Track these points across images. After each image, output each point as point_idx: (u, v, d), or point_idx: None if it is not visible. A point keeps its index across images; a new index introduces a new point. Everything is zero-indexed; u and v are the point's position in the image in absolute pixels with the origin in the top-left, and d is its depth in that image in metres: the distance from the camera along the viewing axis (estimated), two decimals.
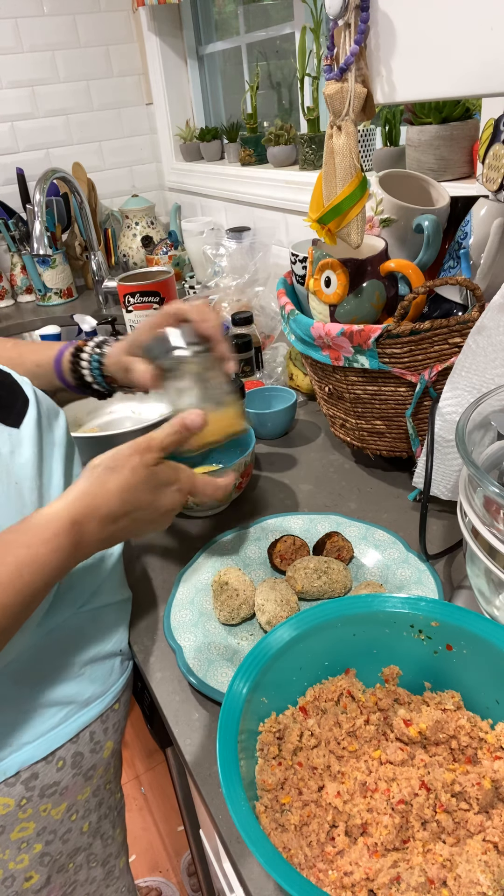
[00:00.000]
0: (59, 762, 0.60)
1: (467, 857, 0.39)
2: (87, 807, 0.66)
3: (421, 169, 1.17)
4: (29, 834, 0.60)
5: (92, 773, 0.65)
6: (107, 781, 0.69)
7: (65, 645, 0.61)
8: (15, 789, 0.58)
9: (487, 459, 0.56)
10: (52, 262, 1.89)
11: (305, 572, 0.68)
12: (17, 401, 0.59)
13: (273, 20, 1.68)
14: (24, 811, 0.59)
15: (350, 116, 0.62)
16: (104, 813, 0.70)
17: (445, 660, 0.49)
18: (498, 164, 0.71)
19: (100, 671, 0.64)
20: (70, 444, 0.65)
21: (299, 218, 1.53)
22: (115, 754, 0.69)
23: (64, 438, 0.63)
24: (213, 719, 0.59)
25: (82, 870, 0.69)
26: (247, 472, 0.83)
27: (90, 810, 0.67)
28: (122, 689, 0.67)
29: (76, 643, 0.62)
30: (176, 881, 1.38)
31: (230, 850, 0.49)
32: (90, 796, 0.66)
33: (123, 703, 0.68)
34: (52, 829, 0.63)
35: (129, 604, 0.71)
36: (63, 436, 0.63)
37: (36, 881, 0.63)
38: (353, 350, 0.73)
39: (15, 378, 0.61)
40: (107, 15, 1.97)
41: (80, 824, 0.66)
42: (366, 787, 0.44)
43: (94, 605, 0.64)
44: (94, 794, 0.67)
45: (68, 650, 0.61)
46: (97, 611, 0.64)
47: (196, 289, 1.67)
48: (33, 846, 0.61)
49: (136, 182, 2.21)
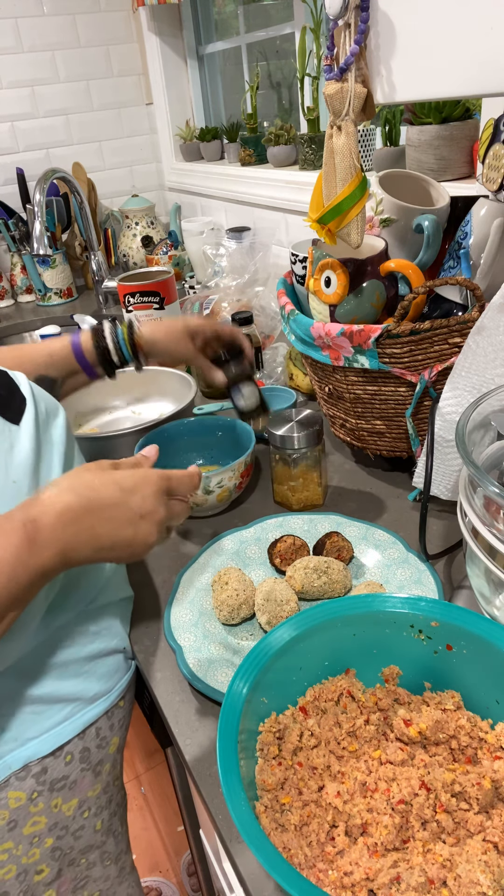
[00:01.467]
0: (66, 757, 0.61)
1: (467, 857, 0.39)
2: (98, 804, 0.67)
3: (421, 169, 1.17)
4: (41, 828, 0.61)
5: (100, 768, 0.65)
6: (115, 777, 0.69)
7: (70, 642, 0.61)
8: (26, 783, 0.58)
9: (487, 459, 0.56)
10: (52, 262, 1.89)
11: (305, 572, 0.68)
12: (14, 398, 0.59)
13: (273, 20, 1.68)
14: (36, 805, 0.60)
15: (350, 116, 0.62)
16: (114, 810, 0.70)
17: (445, 660, 0.49)
18: (498, 164, 0.71)
19: (105, 668, 0.64)
20: (70, 443, 0.64)
21: (299, 218, 1.53)
22: (120, 751, 0.70)
23: (63, 437, 0.63)
24: (213, 719, 0.59)
25: (96, 867, 0.70)
26: (247, 472, 0.83)
27: (101, 807, 0.67)
28: (126, 686, 0.67)
29: (81, 640, 0.62)
30: (176, 881, 1.38)
31: (230, 850, 0.49)
32: (101, 793, 0.67)
33: (128, 700, 0.69)
34: (64, 824, 0.63)
35: (132, 602, 0.72)
36: (62, 435, 0.63)
37: (46, 874, 0.63)
38: (353, 350, 0.73)
39: (11, 376, 0.61)
40: (107, 15, 1.97)
41: (93, 822, 0.66)
42: (366, 787, 0.44)
43: (99, 602, 0.64)
44: (105, 791, 0.67)
45: (73, 647, 0.61)
46: (102, 608, 0.65)
47: (196, 289, 1.67)
48: (45, 841, 0.62)
49: (136, 182, 2.22)
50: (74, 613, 0.62)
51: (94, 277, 1.80)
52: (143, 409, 1.14)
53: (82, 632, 0.62)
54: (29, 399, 0.60)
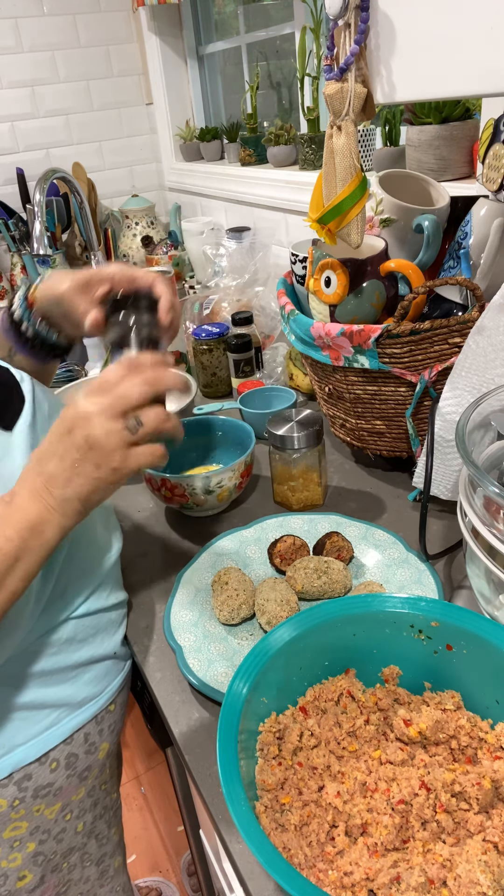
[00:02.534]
0: (52, 763, 0.60)
1: (467, 857, 0.39)
2: (81, 807, 0.66)
3: (421, 169, 1.17)
4: (21, 833, 0.60)
5: (87, 773, 0.65)
6: (102, 782, 0.68)
7: (57, 649, 0.60)
8: (7, 790, 0.58)
9: (487, 459, 0.56)
10: (52, 262, 1.89)
11: (305, 572, 0.68)
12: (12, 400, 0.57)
13: (273, 20, 1.68)
14: (17, 811, 0.59)
15: (350, 116, 0.62)
16: (99, 813, 0.69)
17: (445, 660, 0.49)
18: (498, 164, 0.71)
19: (93, 673, 0.63)
20: None
21: (299, 218, 1.53)
22: (112, 755, 0.69)
23: None
24: (213, 719, 0.59)
25: (76, 869, 0.69)
26: (247, 472, 0.83)
27: (85, 810, 0.67)
28: (117, 690, 0.66)
29: (69, 648, 0.61)
30: (176, 881, 1.38)
31: (230, 850, 0.49)
32: (84, 797, 0.66)
33: (120, 704, 0.68)
34: (46, 828, 0.62)
35: (125, 606, 0.70)
36: None
37: (29, 881, 0.63)
38: (353, 350, 0.73)
39: (13, 374, 0.59)
40: (107, 15, 1.97)
41: (74, 824, 0.66)
42: (366, 787, 0.44)
43: (87, 609, 0.63)
44: (89, 795, 0.66)
45: (60, 654, 0.60)
46: (91, 616, 0.63)
47: (196, 289, 1.67)
48: (26, 845, 0.61)
49: (136, 182, 2.21)
50: (61, 619, 0.60)
51: None
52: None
53: (69, 640, 0.61)
54: (28, 400, 0.58)
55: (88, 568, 0.64)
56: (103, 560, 0.67)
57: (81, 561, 0.63)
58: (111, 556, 0.68)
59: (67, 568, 0.61)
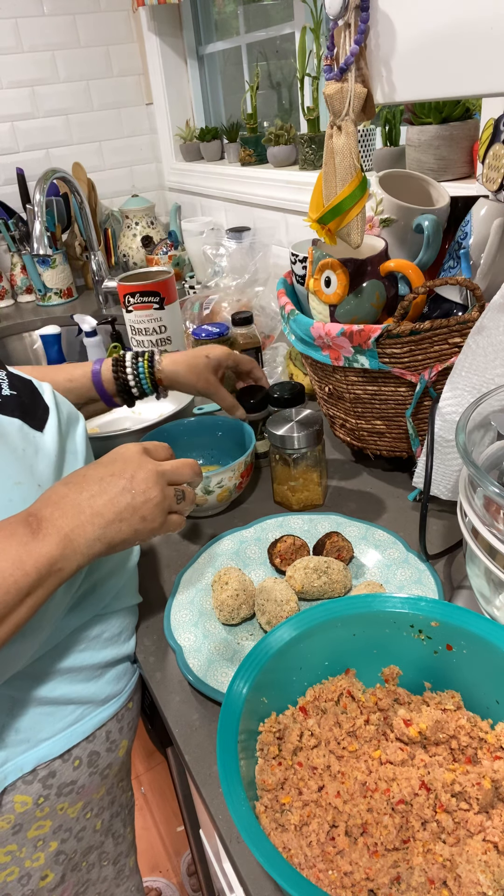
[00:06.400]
0: (75, 761, 0.61)
1: (467, 857, 0.39)
2: (100, 805, 0.67)
3: (421, 169, 1.17)
4: (45, 832, 0.61)
5: (108, 771, 0.65)
6: (120, 780, 0.69)
7: (85, 646, 0.61)
8: (32, 787, 0.58)
9: (487, 459, 0.56)
10: (52, 262, 1.89)
11: (305, 572, 0.68)
12: (38, 407, 0.61)
13: (273, 20, 1.68)
14: (42, 809, 0.60)
15: (350, 116, 0.62)
16: (116, 811, 0.70)
17: (445, 660, 0.49)
18: (498, 164, 0.71)
19: (116, 671, 0.65)
20: (88, 452, 0.66)
21: (299, 218, 1.53)
22: (128, 753, 0.70)
23: (83, 446, 0.65)
24: (213, 719, 0.59)
25: (94, 868, 0.70)
26: (247, 472, 0.83)
27: (103, 808, 0.67)
28: (134, 688, 0.68)
29: (96, 645, 0.62)
30: (176, 881, 1.38)
31: (230, 850, 0.49)
32: (104, 794, 0.67)
33: (136, 701, 0.69)
34: (68, 827, 0.63)
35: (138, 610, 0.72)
36: (82, 443, 0.65)
37: (51, 880, 0.63)
38: (353, 350, 0.73)
39: (35, 385, 0.63)
40: (107, 15, 1.97)
41: (93, 822, 0.66)
42: (366, 787, 0.44)
43: (114, 608, 0.65)
44: (108, 793, 0.67)
45: (88, 651, 0.61)
46: (116, 614, 0.65)
47: (196, 289, 1.67)
48: (49, 844, 0.62)
49: (136, 182, 2.22)
50: (90, 616, 0.62)
51: (94, 277, 1.80)
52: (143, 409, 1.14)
53: (96, 637, 0.62)
54: (52, 407, 0.62)
55: (116, 567, 0.66)
56: (129, 559, 0.69)
57: (110, 559, 0.66)
58: (134, 556, 0.71)
59: (100, 564, 0.64)
